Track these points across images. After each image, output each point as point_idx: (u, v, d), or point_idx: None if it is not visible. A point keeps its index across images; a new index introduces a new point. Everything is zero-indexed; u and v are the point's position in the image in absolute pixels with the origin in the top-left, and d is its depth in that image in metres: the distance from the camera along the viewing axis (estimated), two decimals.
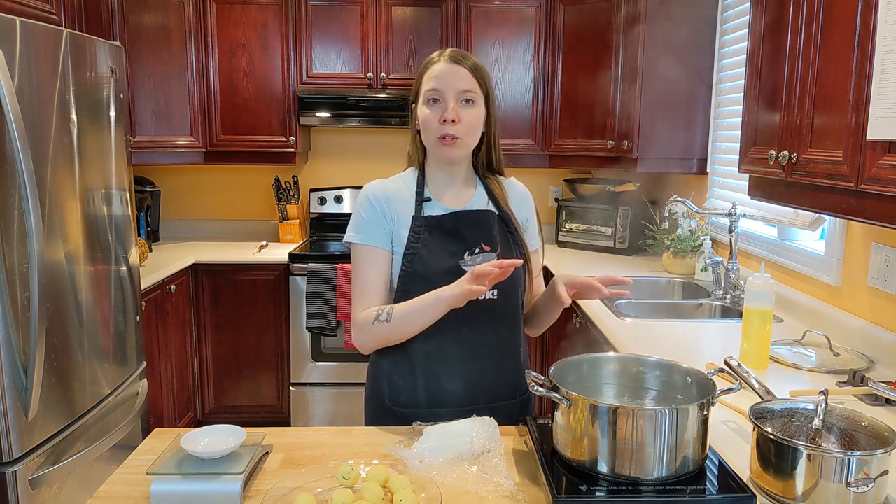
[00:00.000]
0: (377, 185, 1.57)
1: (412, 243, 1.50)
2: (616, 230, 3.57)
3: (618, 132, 3.38)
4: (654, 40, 3.12)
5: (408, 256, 1.50)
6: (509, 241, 1.56)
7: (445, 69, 1.47)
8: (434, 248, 1.50)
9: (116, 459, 2.31)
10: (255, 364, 3.56)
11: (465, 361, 1.51)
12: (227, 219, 4.13)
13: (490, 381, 1.53)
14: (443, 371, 1.50)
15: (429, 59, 1.52)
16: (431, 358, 1.50)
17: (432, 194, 1.56)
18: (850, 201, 1.46)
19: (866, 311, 2.00)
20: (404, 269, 1.50)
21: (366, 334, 1.50)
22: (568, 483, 1.12)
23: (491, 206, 1.58)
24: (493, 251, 1.51)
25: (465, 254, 1.50)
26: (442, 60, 1.48)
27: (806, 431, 1.12)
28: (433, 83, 1.47)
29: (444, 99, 1.47)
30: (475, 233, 1.52)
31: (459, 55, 1.50)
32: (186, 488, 1.14)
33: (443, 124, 1.46)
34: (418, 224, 1.51)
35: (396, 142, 4.06)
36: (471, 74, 1.47)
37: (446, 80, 1.46)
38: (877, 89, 1.33)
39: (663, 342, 2.05)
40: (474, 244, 1.51)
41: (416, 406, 1.51)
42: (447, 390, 1.51)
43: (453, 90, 1.46)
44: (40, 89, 1.98)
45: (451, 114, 1.45)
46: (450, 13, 3.58)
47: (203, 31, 3.55)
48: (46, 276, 1.98)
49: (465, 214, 1.54)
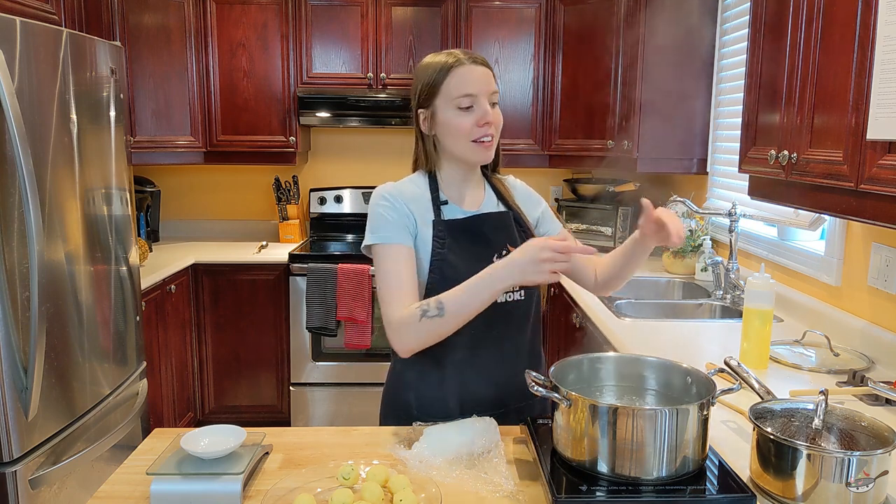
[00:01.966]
0: (392, 187, 1.50)
1: (438, 249, 1.46)
2: (616, 230, 3.57)
3: (618, 132, 3.37)
4: (654, 40, 3.12)
5: (436, 263, 1.46)
6: (524, 239, 1.53)
7: (475, 72, 1.44)
8: (461, 253, 1.47)
9: (116, 459, 2.31)
10: (255, 364, 3.56)
11: (497, 365, 1.50)
12: (227, 219, 4.13)
13: (520, 382, 1.45)
14: (476, 378, 1.49)
15: (442, 62, 1.45)
16: (464, 366, 1.48)
17: (448, 198, 1.53)
18: (850, 201, 1.46)
19: (866, 311, 2.00)
20: (433, 275, 1.45)
21: (413, 333, 1.36)
22: (568, 483, 1.12)
23: (502, 206, 1.58)
24: None
25: (493, 257, 1.47)
26: (468, 63, 1.44)
27: (806, 431, 1.12)
28: (467, 87, 1.43)
29: (479, 103, 1.44)
30: (499, 235, 1.51)
31: (478, 56, 1.47)
32: (186, 488, 1.14)
33: (482, 127, 1.44)
34: (440, 228, 1.47)
35: (396, 142, 4.06)
36: (492, 74, 1.47)
37: (479, 83, 1.43)
38: (877, 89, 1.33)
39: (663, 342, 2.05)
40: (501, 246, 1.50)
41: (447, 417, 1.43)
42: (480, 396, 1.49)
43: (486, 93, 1.44)
44: (40, 89, 1.98)
45: (491, 116, 1.44)
46: (450, 13, 3.58)
47: (203, 31, 3.55)
48: (46, 276, 1.98)
49: (487, 217, 1.53)
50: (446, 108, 1.45)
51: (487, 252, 1.48)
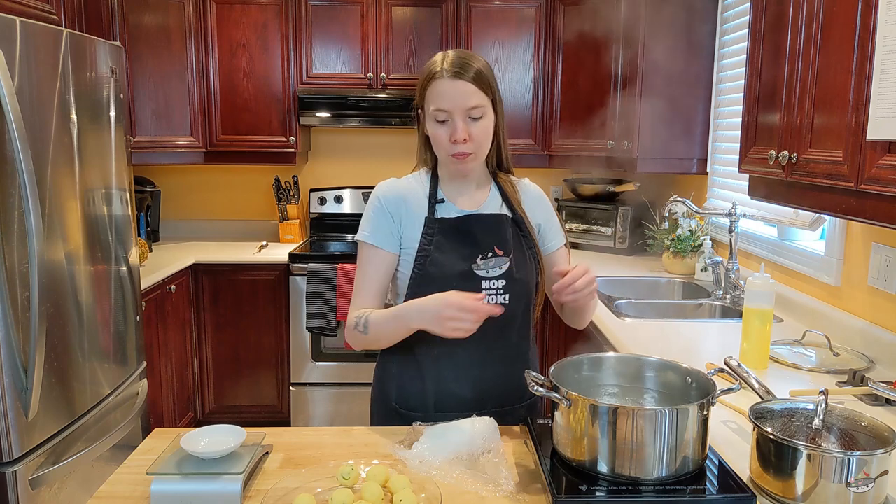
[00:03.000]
0: (389, 186, 1.55)
1: (424, 245, 1.49)
2: (616, 230, 3.57)
3: (618, 132, 3.37)
4: (654, 40, 3.12)
5: (420, 259, 1.48)
6: (522, 244, 1.54)
7: (449, 88, 1.40)
8: (447, 250, 1.48)
9: (116, 459, 2.31)
10: (255, 364, 3.56)
11: (474, 366, 1.50)
12: (227, 219, 4.13)
13: (499, 385, 1.52)
14: (452, 375, 1.49)
15: (431, 68, 1.44)
16: (440, 362, 1.49)
17: (446, 196, 1.54)
18: (850, 201, 1.46)
19: (866, 311, 2.00)
20: (416, 271, 1.48)
21: (350, 338, 1.52)
22: (568, 483, 1.12)
23: (504, 208, 1.56)
24: (506, 255, 1.50)
25: (478, 258, 1.48)
26: (445, 76, 1.41)
27: (806, 431, 1.12)
28: (438, 102, 1.42)
29: (452, 119, 1.42)
30: (488, 236, 1.50)
31: (461, 65, 1.41)
32: (186, 488, 1.14)
33: (453, 143, 1.43)
34: (431, 226, 1.50)
35: (396, 142, 4.06)
36: (475, 87, 1.41)
37: (452, 99, 1.40)
38: (877, 89, 1.33)
39: (663, 342, 2.05)
40: (487, 248, 1.49)
41: (424, 409, 1.50)
42: (456, 395, 1.50)
43: (460, 109, 1.41)
44: (40, 89, 1.98)
45: (461, 134, 1.41)
46: (450, 13, 3.58)
47: (203, 32, 3.55)
48: (46, 276, 1.98)
49: (479, 217, 1.52)
50: (428, 117, 1.46)
51: (473, 253, 1.49)
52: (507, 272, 1.49)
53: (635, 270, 3.16)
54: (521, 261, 1.52)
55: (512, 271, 1.49)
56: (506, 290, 1.48)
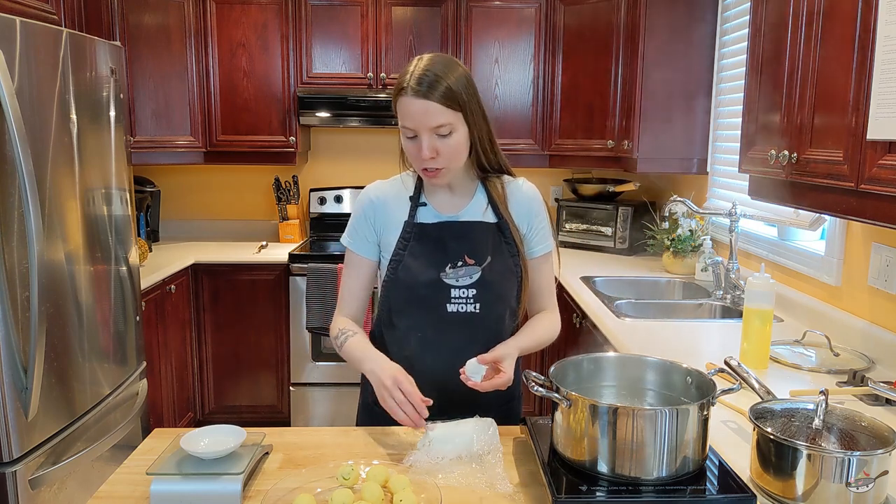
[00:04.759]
0: (374, 189, 1.57)
1: (399, 250, 1.49)
2: (616, 230, 3.57)
3: (618, 132, 3.38)
4: (654, 40, 3.12)
5: (393, 263, 1.49)
6: (504, 251, 1.51)
7: (414, 107, 1.37)
8: (419, 256, 1.48)
9: (116, 459, 2.31)
10: (254, 364, 3.56)
11: (439, 373, 1.45)
12: (227, 219, 4.13)
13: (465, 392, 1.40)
14: (418, 379, 1.41)
15: (400, 80, 1.40)
16: (412, 364, 1.45)
17: (429, 199, 1.53)
18: (850, 201, 1.46)
19: (866, 311, 2.00)
20: (388, 275, 1.50)
21: (332, 343, 1.56)
22: (568, 483, 1.12)
23: (489, 212, 1.53)
24: (477, 264, 1.48)
25: (447, 266, 1.48)
26: (409, 95, 1.36)
27: (806, 431, 1.12)
28: (404, 120, 1.40)
29: (419, 135, 1.40)
30: (460, 245, 1.48)
31: (428, 83, 1.36)
32: (186, 488, 1.14)
33: (423, 160, 1.41)
34: (409, 230, 1.50)
35: (396, 142, 4.04)
36: (441, 105, 1.36)
37: (416, 119, 1.37)
38: (877, 89, 1.33)
39: (663, 342, 2.05)
40: (457, 257, 1.48)
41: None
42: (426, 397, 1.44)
43: (425, 128, 1.38)
44: (40, 89, 1.98)
45: (427, 153, 1.39)
46: (450, 13, 3.58)
47: (203, 32, 3.55)
48: (46, 276, 1.98)
49: (452, 225, 1.50)
50: (401, 129, 1.45)
51: (443, 260, 1.48)
52: (477, 281, 1.48)
53: (635, 270, 3.16)
54: (501, 268, 1.50)
55: (484, 280, 1.48)
56: (476, 298, 1.48)
